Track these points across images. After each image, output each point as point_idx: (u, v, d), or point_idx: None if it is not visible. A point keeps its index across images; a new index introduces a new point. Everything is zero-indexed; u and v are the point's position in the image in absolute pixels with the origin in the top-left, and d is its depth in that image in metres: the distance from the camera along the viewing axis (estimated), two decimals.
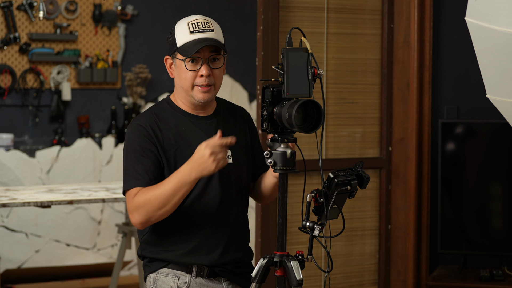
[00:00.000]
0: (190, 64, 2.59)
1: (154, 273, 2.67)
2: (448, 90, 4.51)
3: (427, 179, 4.42)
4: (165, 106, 2.69)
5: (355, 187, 2.48)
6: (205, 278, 2.64)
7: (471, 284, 4.24)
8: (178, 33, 2.61)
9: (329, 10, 4.21)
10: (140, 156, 2.58)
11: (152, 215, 2.52)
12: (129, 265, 6.33)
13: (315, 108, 2.42)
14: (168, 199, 2.50)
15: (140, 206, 2.52)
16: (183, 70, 2.60)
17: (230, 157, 2.66)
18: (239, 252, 2.68)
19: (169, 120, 2.65)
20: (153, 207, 2.51)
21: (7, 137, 6.11)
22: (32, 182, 6.15)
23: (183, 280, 2.63)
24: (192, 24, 2.60)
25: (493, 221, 4.44)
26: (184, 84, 2.62)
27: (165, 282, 2.64)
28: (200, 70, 2.59)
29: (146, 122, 2.63)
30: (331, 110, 4.25)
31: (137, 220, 2.54)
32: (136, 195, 2.54)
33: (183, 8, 6.76)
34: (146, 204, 2.51)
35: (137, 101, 6.56)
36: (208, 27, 2.60)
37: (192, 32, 2.59)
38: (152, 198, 2.51)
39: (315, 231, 2.42)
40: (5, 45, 6.11)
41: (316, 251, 3.78)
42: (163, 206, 2.51)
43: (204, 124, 2.67)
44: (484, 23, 2.62)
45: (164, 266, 2.65)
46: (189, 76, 2.60)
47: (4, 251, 6.01)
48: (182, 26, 2.62)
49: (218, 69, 2.62)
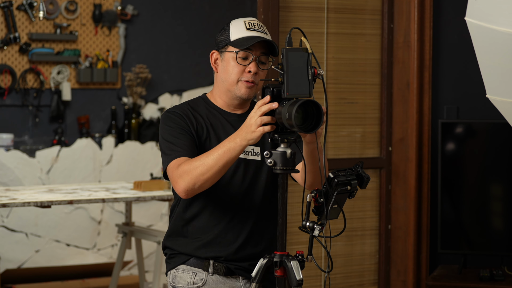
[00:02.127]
0: (241, 58, 2.65)
1: (173, 269, 2.73)
2: (448, 90, 4.51)
3: (427, 179, 4.42)
4: (199, 101, 2.76)
5: (355, 187, 2.48)
6: (222, 276, 2.68)
7: (471, 284, 4.24)
8: (233, 28, 2.68)
9: (329, 10, 4.21)
10: (178, 134, 2.63)
11: (196, 181, 2.52)
12: (129, 265, 6.33)
13: (315, 108, 2.42)
14: (214, 164, 2.50)
15: (185, 172, 2.53)
16: (232, 64, 2.66)
17: (259, 154, 2.70)
18: (258, 247, 2.71)
19: (203, 113, 2.71)
20: (198, 172, 2.51)
21: (7, 137, 6.11)
22: (32, 182, 6.16)
23: (200, 276, 2.68)
24: (249, 23, 2.69)
25: (493, 221, 4.44)
26: (229, 77, 2.67)
27: (183, 278, 2.70)
28: (249, 66, 2.65)
29: (180, 111, 2.69)
30: (331, 110, 4.25)
31: (182, 187, 2.54)
32: (181, 164, 2.56)
33: (183, 8, 6.76)
34: (192, 170, 2.52)
35: (137, 101, 6.56)
36: (263, 29, 2.70)
37: (249, 29, 2.67)
38: (198, 164, 2.52)
39: (315, 231, 2.42)
40: (5, 45, 6.11)
41: (316, 251, 3.78)
42: (208, 170, 2.50)
43: (235, 121, 2.72)
44: (484, 23, 2.62)
45: (182, 262, 2.71)
46: (237, 70, 2.66)
47: (4, 251, 6.01)
48: (239, 23, 2.69)
49: (264, 70, 2.68)
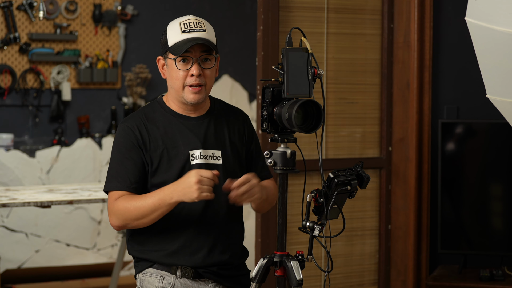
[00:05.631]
0: (181, 63, 2.59)
1: (140, 273, 2.69)
2: (448, 90, 4.51)
3: (427, 179, 4.42)
4: (155, 106, 2.70)
5: (355, 187, 2.48)
6: (190, 279, 2.64)
7: (471, 284, 4.24)
8: (170, 32, 2.62)
9: (329, 10, 4.21)
10: (124, 158, 2.60)
11: (128, 223, 2.58)
12: (129, 265, 6.33)
13: (315, 108, 2.42)
14: (146, 213, 2.54)
15: (119, 212, 2.57)
16: (174, 70, 2.60)
17: (220, 158, 2.65)
18: (225, 254, 2.66)
19: (158, 120, 2.65)
20: (131, 217, 2.56)
21: (7, 137, 6.11)
22: (32, 182, 6.16)
23: (167, 280, 2.64)
24: (184, 24, 2.60)
25: (493, 221, 4.44)
26: (175, 84, 2.62)
27: (150, 282, 2.65)
28: (191, 70, 2.59)
29: (134, 124, 2.64)
30: (331, 110, 4.25)
31: (114, 223, 2.59)
32: (117, 200, 2.57)
33: (183, 8, 6.76)
34: (125, 212, 2.56)
35: (137, 101, 6.57)
36: (200, 27, 2.60)
37: (184, 31, 2.59)
38: (132, 208, 2.55)
39: (315, 231, 2.42)
40: (5, 45, 6.11)
41: (316, 251, 3.78)
42: (140, 218, 2.55)
43: (193, 124, 2.66)
44: (484, 23, 2.62)
45: (149, 266, 2.66)
46: (180, 76, 2.60)
47: (4, 251, 6.01)
48: (174, 26, 2.62)
49: (209, 69, 2.62)
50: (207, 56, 2.61)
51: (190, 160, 2.61)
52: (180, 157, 2.60)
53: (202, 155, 2.63)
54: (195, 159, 2.62)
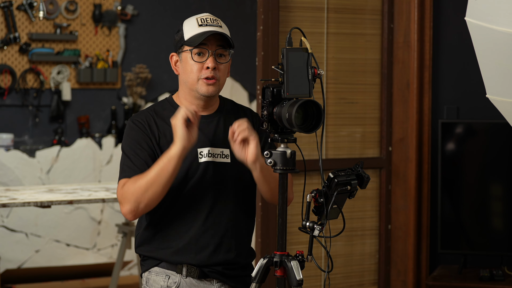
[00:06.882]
0: (197, 56, 2.61)
1: (146, 272, 2.69)
2: (448, 90, 4.51)
3: (427, 179, 4.42)
4: (165, 105, 2.70)
5: (355, 187, 2.48)
6: (196, 279, 2.64)
7: (471, 284, 4.24)
8: (186, 27, 2.64)
9: (329, 10, 4.21)
10: (136, 149, 2.60)
11: (140, 201, 2.50)
12: (129, 265, 6.33)
13: (315, 108, 2.42)
14: (154, 179, 2.49)
15: (128, 192, 2.52)
16: (189, 63, 2.61)
17: (229, 156, 2.65)
18: (231, 253, 2.66)
19: (167, 117, 2.64)
20: (141, 190, 2.49)
21: (7, 137, 6.11)
22: (32, 182, 6.16)
23: (173, 279, 2.64)
24: (200, 19, 2.65)
25: (493, 221, 4.44)
26: (189, 77, 2.62)
27: (156, 281, 2.65)
28: (206, 62, 2.60)
29: (144, 118, 2.65)
30: (331, 110, 4.25)
31: (126, 209, 2.52)
32: (125, 184, 2.54)
33: (183, 8, 6.76)
34: (134, 189, 2.51)
35: (137, 101, 6.56)
36: (217, 23, 2.65)
37: (201, 25, 2.63)
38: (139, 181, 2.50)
39: (315, 231, 2.42)
40: (5, 45, 6.11)
41: (316, 251, 3.78)
42: (150, 187, 2.49)
43: (203, 122, 2.65)
44: (484, 23, 2.62)
45: (155, 265, 2.66)
46: (195, 68, 2.61)
47: (4, 251, 6.01)
48: (191, 21, 2.65)
49: (224, 64, 2.64)
50: (222, 51, 2.64)
51: (198, 158, 2.62)
52: (187, 155, 2.59)
53: (210, 153, 2.63)
54: (203, 157, 2.62)
